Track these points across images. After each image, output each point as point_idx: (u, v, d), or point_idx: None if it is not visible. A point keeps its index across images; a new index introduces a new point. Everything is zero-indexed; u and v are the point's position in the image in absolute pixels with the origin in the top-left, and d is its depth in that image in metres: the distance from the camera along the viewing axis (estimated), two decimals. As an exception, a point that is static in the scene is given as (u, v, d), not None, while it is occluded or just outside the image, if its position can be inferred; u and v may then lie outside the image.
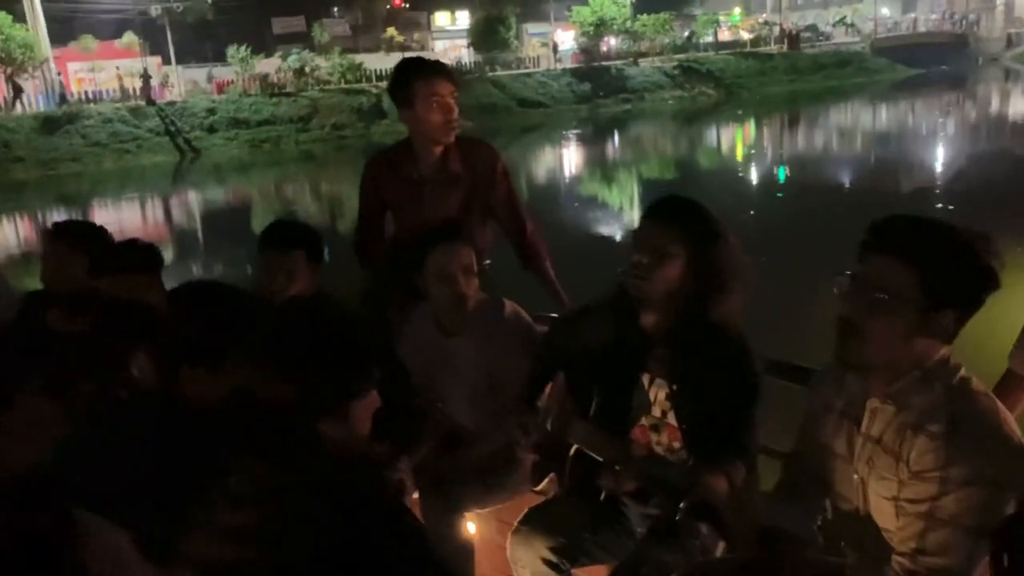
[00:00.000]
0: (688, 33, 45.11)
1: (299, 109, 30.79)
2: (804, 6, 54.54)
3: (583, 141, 28.66)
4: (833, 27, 49.53)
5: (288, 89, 32.23)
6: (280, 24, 42.73)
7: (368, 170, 3.09)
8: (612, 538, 2.15)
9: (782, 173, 18.71)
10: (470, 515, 2.45)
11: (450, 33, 47.22)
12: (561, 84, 36.07)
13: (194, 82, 33.83)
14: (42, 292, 2.72)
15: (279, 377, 1.36)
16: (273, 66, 33.50)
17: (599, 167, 22.77)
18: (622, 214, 14.82)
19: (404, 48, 39.89)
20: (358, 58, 35.33)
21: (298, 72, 32.80)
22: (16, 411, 2.16)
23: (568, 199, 17.38)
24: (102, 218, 18.28)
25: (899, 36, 47.23)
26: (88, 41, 34.50)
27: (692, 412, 1.99)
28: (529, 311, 2.69)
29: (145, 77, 30.41)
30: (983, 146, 20.52)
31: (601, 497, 2.13)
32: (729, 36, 47.63)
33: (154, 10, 36.03)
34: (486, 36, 37.95)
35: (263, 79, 32.42)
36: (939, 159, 18.64)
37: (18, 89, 28.65)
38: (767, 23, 48.96)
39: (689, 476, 1.81)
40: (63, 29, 34.37)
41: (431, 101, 2.80)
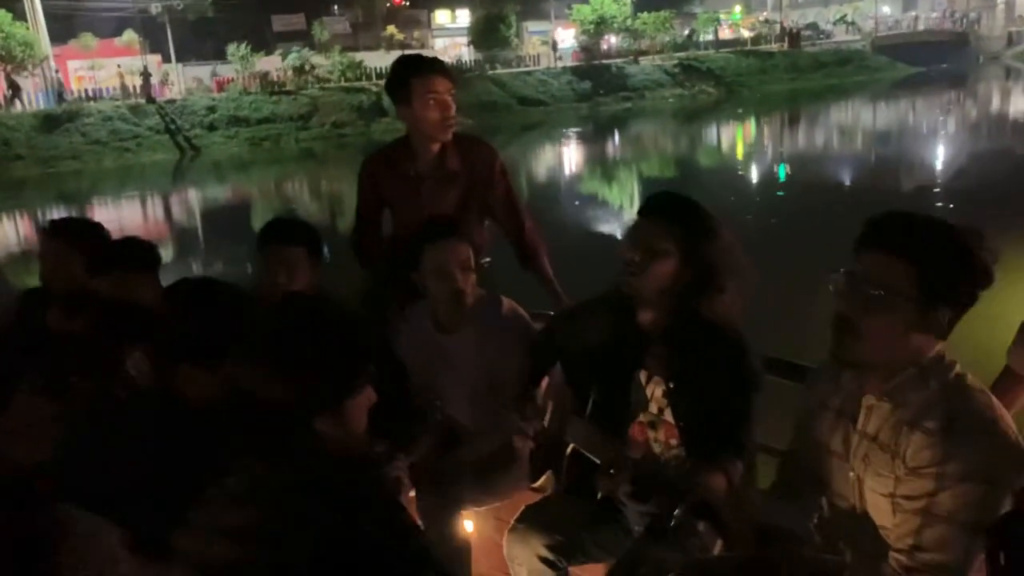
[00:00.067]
0: (688, 31, 45.13)
1: (299, 107, 30.78)
2: (805, 4, 54.43)
3: (583, 139, 28.64)
4: (834, 25, 49.53)
5: (288, 87, 32.24)
6: (280, 22, 42.74)
7: (366, 168, 3.08)
8: (609, 536, 2.15)
9: (782, 171, 18.70)
10: (468, 513, 2.44)
11: (450, 31, 47.20)
12: (561, 82, 36.05)
13: (199, 80, 33.75)
14: (40, 290, 2.72)
15: (275, 374, 1.36)
16: (273, 64, 33.51)
17: (599, 165, 22.77)
18: (622, 212, 14.78)
19: (404, 46, 39.87)
20: (358, 56, 35.31)
21: (298, 70, 32.79)
22: (15, 410, 2.17)
23: (568, 197, 17.36)
24: (102, 216, 18.26)
25: (900, 34, 47.21)
26: (88, 39, 34.49)
27: (689, 409, 1.99)
28: (528, 309, 2.69)
29: (145, 75, 30.42)
30: (984, 144, 20.49)
31: (598, 496, 2.13)
32: (730, 34, 47.65)
33: (154, 8, 36.02)
34: (486, 34, 37.93)
35: (263, 77, 32.43)
36: (940, 157, 18.63)
37: (15, 87, 28.60)
38: (768, 21, 48.99)
39: (688, 476, 1.80)
40: (63, 27, 34.36)
41: (428, 98, 2.80)
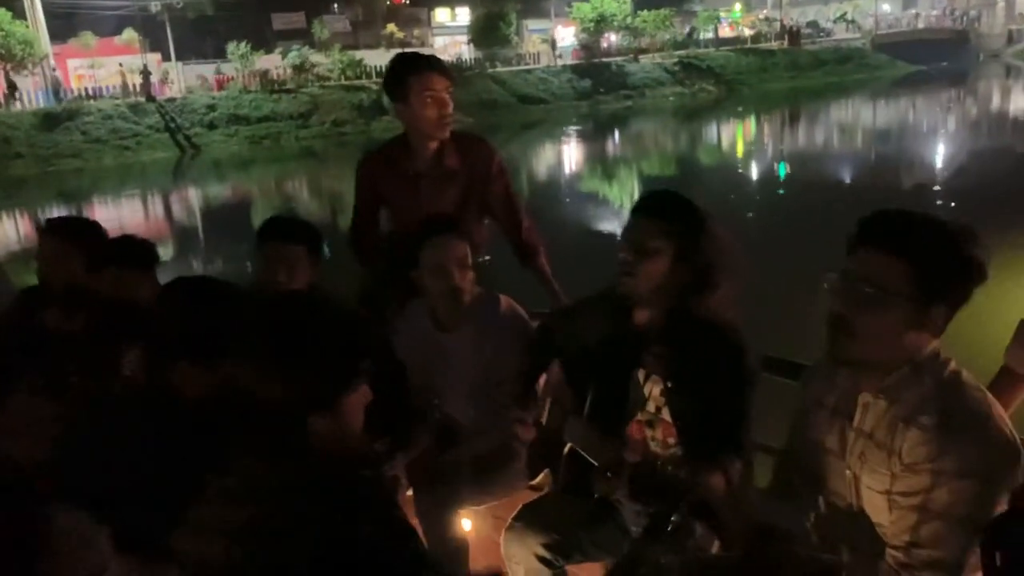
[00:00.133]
0: (689, 29, 45.12)
1: (299, 105, 30.77)
2: (805, 2, 54.37)
3: (583, 137, 28.64)
4: (834, 23, 49.54)
5: (288, 85, 32.21)
6: (280, 20, 42.75)
7: (363, 166, 3.08)
8: (606, 535, 2.14)
9: (782, 169, 18.70)
10: (466, 511, 2.44)
11: (450, 29, 47.19)
12: (562, 80, 36.05)
13: (203, 78, 33.64)
14: (38, 289, 2.72)
15: (271, 372, 1.35)
16: (273, 62, 33.47)
17: (599, 163, 22.77)
18: (622, 211, 14.79)
19: (404, 44, 39.83)
20: (358, 54, 35.29)
21: (298, 68, 32.78)
22: (13, 409, 2.16)
23: (569, 195, 17.37)
24: (102, 214, 18.27)
25: (900, 32, 47.25)
26: (88, 38, 34.45)
27: (687, 408, 1.98)
28: (527, 308, 2.68)
29: (145, 74, 30.41)
30: (984, 143, 20.49)
31: (595, 495, 2.12)
32: (730, 32, 47.68)
33: (154, 6, 36.00)
34: (486, 32, 37.92)
35: (263, 75, 32.40)
36: (940, 156, 18.63)
37: (12, 86, 28.57)
38: (768, 19, 49.00)
39: (686, 478, 1.80)
40: (63, 26, 34.35)
41: (425, 96, 2.79)
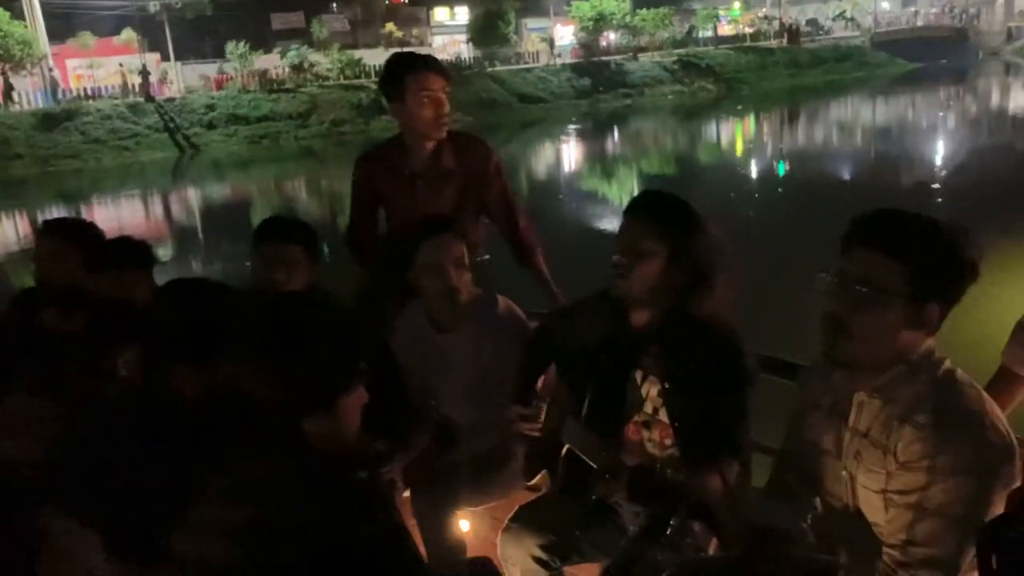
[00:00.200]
0: (688, 28, 45.09)
1: (298, 105, 30.73)
2: (804, 0, 54.40)
3: (583, 136, 28.63)
4: (833, 21, 49.53)
5: (287, 85, 32.18)
6: (279, 20, 42.71)
7: (360, 166, 3.07)
8: (604, 536, 2.14)
9: (782, 168, 18.70)
10: (463, 512, 2.44)
11: (449, 28, 47.14)
12: (561, 79, 36.04)
13: (206, 77, 33.55)
14: (35, 290, 2.71)
15: (267, 373, 1.35)
16: (272, 62, 33.44)
17: (599, 162, 22.76)
18: (622, 210, 14.76)
19: (403, 43, 39.80)
20: (357, 54, 35.25)
21: (297, 68, 32.76)
22: (11, 410, 2.16)
23: (568, 195, 17.35)
24: (102, 215, 18.27)
25: (899, 30, 47.26)
26: (86, 38, 34.41)
27: (683, 409, 1.98)
28: (526, 309, 2.68)
29: (144, 74, 30.38)
30: (983, 141, 20.48)
31: (594, 496, 2.12)
32: (729, 31, 47.63)
33: (152, 6, 35.96)
34: (485, 31, 37.89)
35: (262, 75, 32.38)
36: (939, 154, 18.62)
37: (8, 86, 28.52)
38: (767, 18, 48.97)
39: (684, 481, 1.80)
40: (61, 26, 34.30)
41: (421, 96, 2.79)
